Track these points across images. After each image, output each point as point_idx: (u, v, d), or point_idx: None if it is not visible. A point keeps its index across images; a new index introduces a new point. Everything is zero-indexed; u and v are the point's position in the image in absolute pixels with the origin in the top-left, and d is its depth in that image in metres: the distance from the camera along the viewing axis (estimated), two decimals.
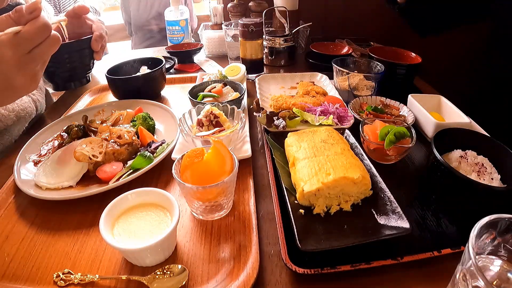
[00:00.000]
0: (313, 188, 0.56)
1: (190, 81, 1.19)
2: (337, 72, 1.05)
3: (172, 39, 1.55)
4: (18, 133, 0.94)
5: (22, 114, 0.91)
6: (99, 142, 0.72)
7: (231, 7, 1.57)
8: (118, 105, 0.98)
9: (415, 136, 0.71)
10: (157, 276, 0.49)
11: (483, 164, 0.65)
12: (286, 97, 0.95)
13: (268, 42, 1.29)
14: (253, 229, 0.57)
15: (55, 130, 0.85)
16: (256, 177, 0.72)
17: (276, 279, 0.51)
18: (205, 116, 0.75)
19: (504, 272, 0.41)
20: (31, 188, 0.66)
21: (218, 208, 0.59)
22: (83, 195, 0.63)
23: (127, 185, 0.65)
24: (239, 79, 1.06)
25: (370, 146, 0.74)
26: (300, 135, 0.71)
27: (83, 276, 0.50)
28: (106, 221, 0.52)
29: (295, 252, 0.50)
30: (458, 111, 0.83)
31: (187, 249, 0.55)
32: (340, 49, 1.37)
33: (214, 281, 0.49)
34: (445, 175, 0.62)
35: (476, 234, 0.38)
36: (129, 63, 1.12)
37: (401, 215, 0.54)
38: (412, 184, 0.71)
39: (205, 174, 0.57)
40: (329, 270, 0.48)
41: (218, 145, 0.58)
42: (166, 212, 0.55)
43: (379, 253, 0.51)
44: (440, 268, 0.51)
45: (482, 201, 0.60)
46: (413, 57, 1.14)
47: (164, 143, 0.77)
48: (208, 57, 1.49)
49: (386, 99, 0.93)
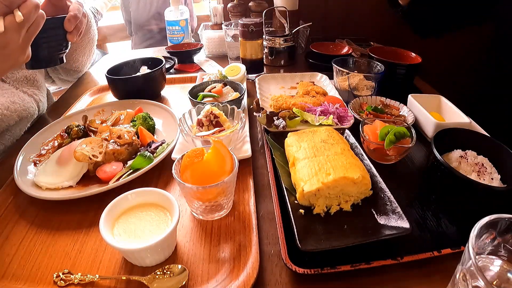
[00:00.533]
0: (313, 188, 0.56)
1: (190, 81, 1.19)
2: (337, 72, 1.05)
3: (172, 39, 1.55)
4: (20, 132, 0.94)
5: (24, 114, 0.91)
6: (99, 142, 0.72)
7: (231, 7, 1.57)
8: (118, 105, 0.98)
9: (415, 136, 0.71)
10: (157, 276, 0.49)
11: (483, 164, 0.65)
12: (286, 97, 0.95)
13: (268, 42, 1.29)
14: (253, 229, 0.57)
15: (55, 130, 0.85)
16: (256, 177, 0.72)
17: (276, 279, 0.51)
18: (205, 116, 0.75)
19: (504, 272, 0.41)
20: (31, 188, 0.66)
21: (218, 208, 0.59)
22: (83, 195, 0.63)
23: (127, 185, 0.64)
24: (239, 79, 1.06)
25: (370, 146, 0.74)
26: (300, 135, 0.71)
27: (83, 276, 0.50)
28: (106, 221, 0.52)
29: (295, 252, 0.50)
30: (458, 111, 0.83)
31: (187, 249, 0.55)
32: (340, 49, 1.37)
33: (214, 281, 0.49)
34: (445, 175, 0.62)
35: (476, 234, 0.38)
36: (129, 63, 1.12)
37: (401, 215, 0.54)
38: (412, 184, 0.71)
39: (205, 174, 0.57)
40: (329, 270, 0.48)
41: (218, 145, 0.58)
42: (166, 212, 0.55)
43: (379, 253, 0.51)
44: (440, 268, 0.51)
45: (482, 201, 0.60)
46: (413, 57, 1.14)
47: (164, 143, 0.77)
48: (208, 57, 1.49)
49: (386, 99, 0.93)
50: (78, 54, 1.11)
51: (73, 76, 1.24)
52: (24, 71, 0.96)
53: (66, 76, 1.21)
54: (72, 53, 1.09)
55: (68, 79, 1.24)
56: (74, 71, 1.19)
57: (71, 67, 1.15)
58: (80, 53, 1.12)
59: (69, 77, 1.23)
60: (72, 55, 1.10)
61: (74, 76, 1.25)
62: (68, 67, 1.14)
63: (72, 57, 1.10)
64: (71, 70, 1.17)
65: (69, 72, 1.19)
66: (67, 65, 1.13)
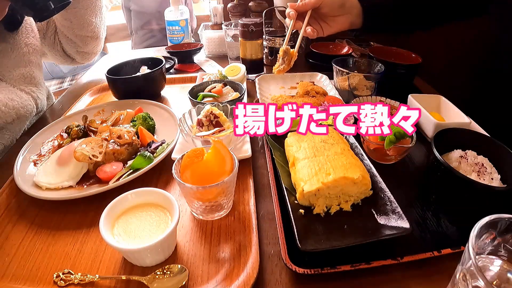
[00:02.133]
0: (313, 188, 0.56)
1: (190, 81, 1.19)
2: (337, 72, 1.05)
3: (172, 39, 1.55)
4: (19, 132, 0.94)
5: (22, 112, 0.91)
6: (99, 142, 0.72)
7: (231, 7, 1.57)
8: (118, 105, 0.98)
9: (415, 136, 0.71)
10: (157, 276, 0.49)
11: (483, 164, 0.65)
12: (286, 97, 0.95)
13: (268, 42, 1.29)
14: (253, 229, 0.57)
15: (55, 130, 0.85)
16: (256, 177, 0.72)
17: (276, 279, 0.51)
18: (205, 116, 0.75)
19: (504, 272, 0.41)
20: (31, 188, 0.66)
21: (218, 208, 0.59)
22: (83, 195, 0.63)
23: (127, 185, 0.64)
24: (239, 79, 1.06)
25: (370, 146, 0.74)
26: (300, 135, 0.71)
27: (83, 276, 0.50)
28: (106, 221, 0.52)
29: (295, 252, 0.50)
30: (458, 111, 0.83)
31: (187, 249, 0.55)
32: (340, 49, 1.37)
33: (214, 281, 0.49)
34: (445, 175, 0.62)
35: (476, 234, 0.37)
36: (129, 63, 1.12)
37: (401, 215, 0.54)
38: (412, 184, 0.71)
39: (205, 174, 0.57)
40: (329, 270, 0.48)
41: (218, 145, 0.58)
42: (166, 212, 0.55)
43: (379, 253, 0.51)
44: (440, 268, 0.51)
45: (482, 201, 0.60)
46: (413, 57, 1.14)
47: (164, 143, 0.77)
48: (208, 57, 1.49)
49: (386, 99, 0.93)
50: (90, 15, 1.06)
51: (91, 44, 1.15)
52: (21, 69, 0.95)
53: (84, 45, 1.14)
54: (84, 13, 1.04)
55: (86, 49, 1.16)
56: (91, 37, 1.12)
57: (87, 33, 1.10)
58: (91, 13, 1.06)
59: (87, 46, 1.15)
60: (84, 17, 1.05)
61: (92, 44, 1.16)
62: (83, 33, 1.09)
63: (84, 19, 1.05)
64: (87, 36, 1.11)
65: (86, 40, 1.12)
66: (82, 30, 1.08)
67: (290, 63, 0.80)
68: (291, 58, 0.80)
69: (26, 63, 0.97)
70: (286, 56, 0.80)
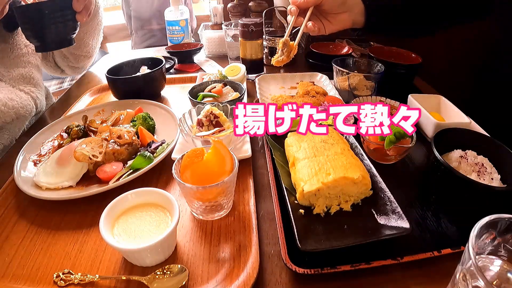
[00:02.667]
0: (313, 188, 0.56)
1: (190, 81, 1.19)
2: (337, 72, 1.05)
3: (172, 39, 1.55)
4: (18, 132, 0.94)
5: (22, 112, 0.91)
6: (99, 142, 0.72)
7: (231, 7, 1.57)
8: (118, 105, 0.98)
9: (415, 136, 0.71)
10: (157, 276, 0.49)
11: (483, 164, 0.65)
12: (286, 97, 0.95)
13: (268, 42, 1.29)
14: (253, 229, 0.57)
15: (55, 130, 0.85)
16: (256, 177, 0.71)
17: (276, 279, 0.51)
18: (205, 116, 0.75)
19: (504, 272, 0.41)
20: (31, 188, 0.66)
21: (218, 208, 0.59)
22: (83, 195, 0.63)
23: (127, 185, 0.64)
24: (239, 79, 1.06)
25: (370, 146, 0.74)
26: (300, 135, 0.71)
27: (83, 276, 0.50)
28: (106, 221, 0.52)
29: (295, 252, 0.50)
30: (458, 111, 0.83)
31: (187, 249, 0.55)
32: (340, 49, 1.37)
33: (214, 281, 0.49)
34: (445, 175, 0.62)
35: (476, 234, 0.37)
36: (129, 63, 1.12)
37: (401, 215, 0.54)
38: (412, 184, 0.71)
39: (205, 174, 0.57)
40: (329, 270, 0.48)
41: (218, 145, 0.58)
42: (166, 212, 0.55)
43: (379, 253, 0.51)
44: (440, 268, 0.51)
45: (482, 201, 0.60)
46: (413, 57, 1.13)
47: (164, 143, 0.77)
48: (208, 57, 1.49)
49: (386, 99, 0.93)
50: (88, 38, 1.09)
51: (83, 61, 1.19)
52: (20, 69, 0.95)
53: (77, 62, 1.17)
54: (83, 37, 1.06)
55: (78, 65, 1.19)
56: (85, 56, 1.16)
57: (82, 52, 1.12)
58: (89, 36, 1.09)
59: (79, 63, 1.18)
60: (83, 39, 1.07)
61: (85, 62, 1.20)
62: (79, 52, 1.12)
63: (82, 41, 1.08)
64: (82, 55, 1.14)
65: (79, 58, 1.15)
66: (78, 50, 1.11)
67: (290, 55, 0.80)
68: (291, 51, 0.80)
69: (25, 64, 0.97)
70: (285, 48, 0.79)
